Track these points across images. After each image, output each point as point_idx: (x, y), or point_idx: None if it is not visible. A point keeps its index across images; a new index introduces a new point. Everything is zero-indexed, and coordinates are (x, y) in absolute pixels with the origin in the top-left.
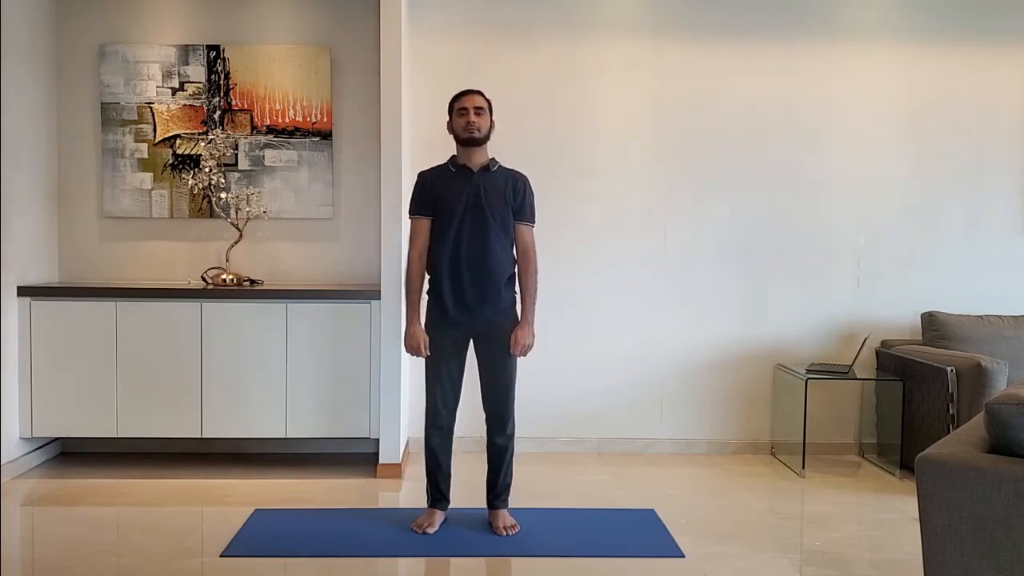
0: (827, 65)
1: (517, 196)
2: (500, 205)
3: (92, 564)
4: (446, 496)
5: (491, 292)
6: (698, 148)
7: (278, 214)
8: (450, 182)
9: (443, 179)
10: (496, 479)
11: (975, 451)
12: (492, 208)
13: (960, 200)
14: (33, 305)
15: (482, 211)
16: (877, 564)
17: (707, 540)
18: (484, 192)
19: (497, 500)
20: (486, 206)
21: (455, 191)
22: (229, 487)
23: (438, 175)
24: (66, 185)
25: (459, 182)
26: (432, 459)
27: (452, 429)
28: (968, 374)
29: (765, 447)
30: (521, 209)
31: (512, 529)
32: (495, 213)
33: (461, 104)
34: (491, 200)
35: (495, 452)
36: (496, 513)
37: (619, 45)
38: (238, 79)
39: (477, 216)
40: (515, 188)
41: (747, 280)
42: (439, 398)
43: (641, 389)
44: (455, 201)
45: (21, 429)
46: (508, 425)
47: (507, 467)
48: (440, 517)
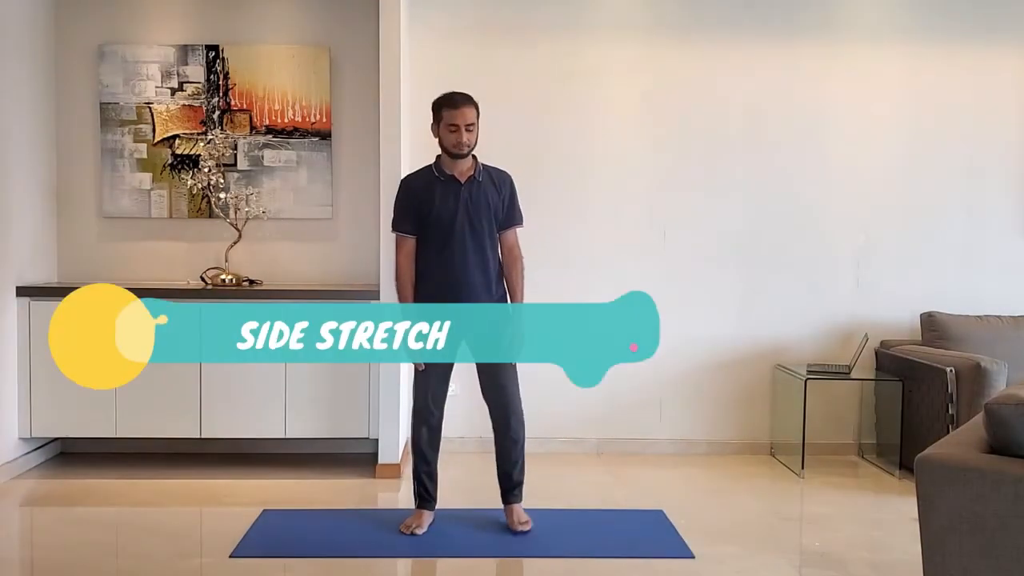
0: (827, 64)
1: (505, 203)
2: (488, 217)
3: (92, 565)
4: (434, 496)
5: (483, 301)
6: (697, 148)
7: (277, 214)
8: (438, 194)
9: (429, 190)
10: (505, 474)
11: (975, 451)
12: (480, 222)
13: (960, 200)
14: (32, 305)
15: (472, 227)
16: (876, 564)
17: (708, 540)
18: (473, 207)
19: (509, 495)
20: (476, 223)
21: (443, 207)
22: (229, 487)
23: (424, 184)
24: (65, 185)
25: (447, 196)
26: (421, 459)
27: (441, 427)
28: (968, 374)
29: (764, 447)
30: (511, 216)
31: (524, 525)
32: (484, 226)
33: (452, 120)
34: (480, 213)
35: (501, 449)
36: (509, 508)
37: (618, 45)
38: (237, 79)
39: (467, 233)
40: (502, 195)
41: (747, 280)
42: (429, 396)
43: (640, 389)
44: (444, 218)
45: (20, 429)
46: (512, 422)
47: (516, 462)
48: (429, 518)
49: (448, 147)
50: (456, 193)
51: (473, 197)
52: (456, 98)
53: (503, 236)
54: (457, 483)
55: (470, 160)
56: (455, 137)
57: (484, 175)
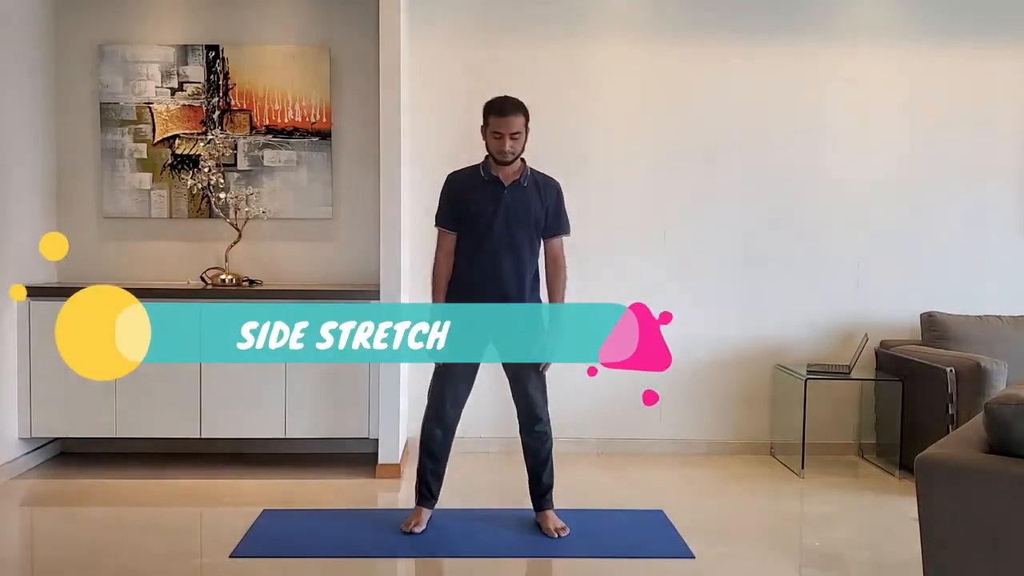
0: (827, 65)
1: (550, 212)
2: (528, 223)
3: (92, 565)
4: (435, 495)
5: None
6: (698, 148)
7: (277, 214)
8: (478, 194)
9: (471, 188)
10: (535, 479)
11: (975, 451)
12: (519, 228)
13: (960, 200)
14: (32, 305)
15: (509, 232)
16: (877, 564)
17: (708, 540)
18: (512, 211)
19: (541, 500)
20: (513, 226)
21: (483, 207)
22: (229, 487)
23: (467, 181)
24: (65, 185)
25: (488, 196)
26: (429, 457)
27: (455, 429)
28: (968, 374)
29: (764, 447)
30: (557, 223)
31: (563, 531)
32: (522, 232)
33: (497, 128)
34: (520, 219)
35: (528, 451)
36: (543, 514)
37: (618, 45)
38: (237, 79)
39: (502, 236)
40: (546, 203)
41: (747, 280)
42: (448, 397)
43: (641, 389)
44: (482, 218)
45: (20, 429)
46: (540, 422)
47: (544, 465)
48: (427, 515)
49: (492, 152)
50: (497, 196)
51: (515, 201)
52: (504, 107)
53: (548, 244)
54: (459, 483)
55: (518, 164)
56: (499, 144)
57: (530, 180)
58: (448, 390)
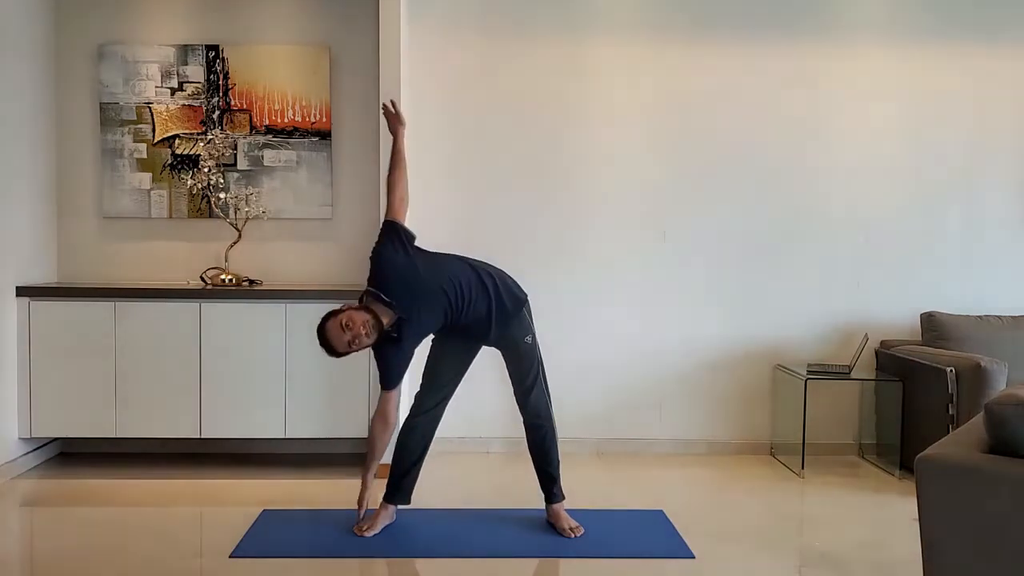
0: (827, 64)
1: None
2: (436, 288)
3: (92, 565)
4: (408, 494)
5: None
6: (698, 148)
7: (277, 214)
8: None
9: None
10: (539, 470)
11: (975, 451)
12: (443, 299)
13: (960, 200)
14: (32, 305)
15: (456, 316)
16: (877, 564)
17: (708, 540)
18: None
19: (550, 495)
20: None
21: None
22: (229, 487)
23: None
24: (65, 185)
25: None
26: (404, 449)
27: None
28: (968, 374)
29: (764, 447)
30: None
31: (577, 531)
32: (446, 297)
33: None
34: (433, 290)
35: (529, 441)
36: (554, 511)
37: (619, 45)
38: (237, 79)
39: (457, 325)
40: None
41: (746, 280)
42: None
43: (640, 389)
44: (438, 334)
45: (20, 429)
46: (539, 409)
47: (546, 455)
48: (388, 518)
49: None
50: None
51: (415, 315)
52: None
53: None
54: (459, 483)
55: (388, 317)
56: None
57: (395, 320)
58: (433, 384)
